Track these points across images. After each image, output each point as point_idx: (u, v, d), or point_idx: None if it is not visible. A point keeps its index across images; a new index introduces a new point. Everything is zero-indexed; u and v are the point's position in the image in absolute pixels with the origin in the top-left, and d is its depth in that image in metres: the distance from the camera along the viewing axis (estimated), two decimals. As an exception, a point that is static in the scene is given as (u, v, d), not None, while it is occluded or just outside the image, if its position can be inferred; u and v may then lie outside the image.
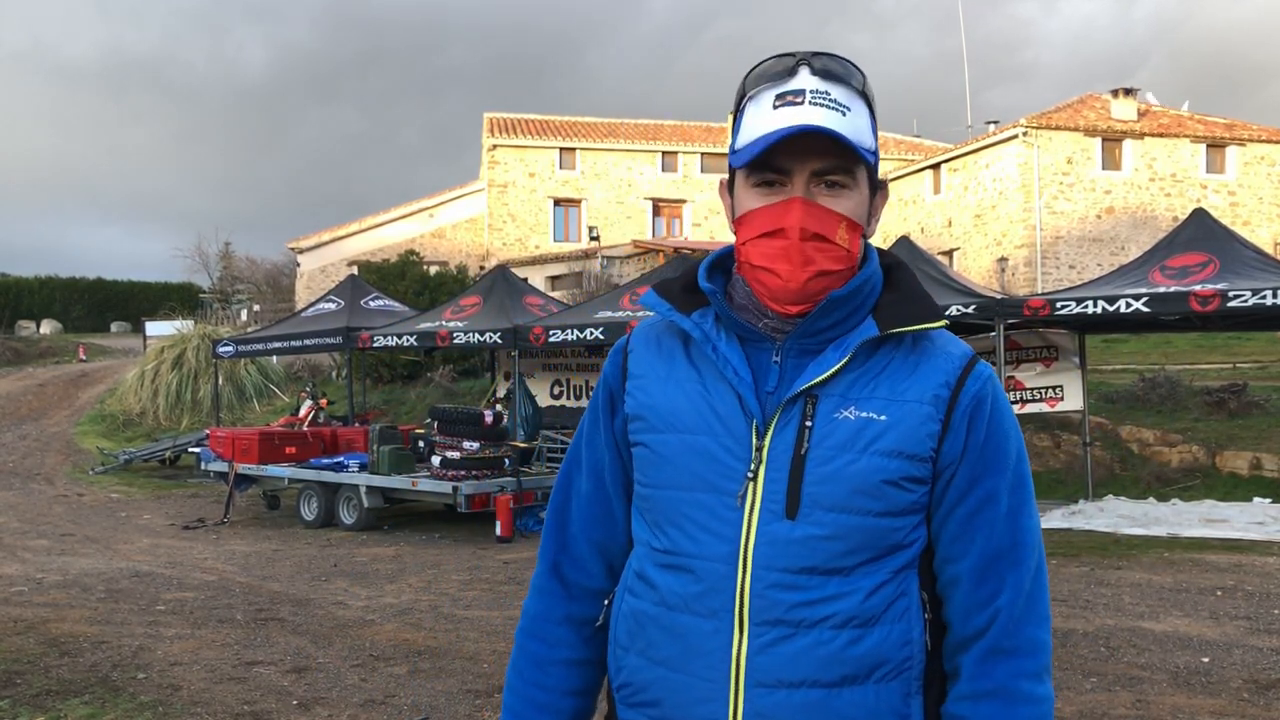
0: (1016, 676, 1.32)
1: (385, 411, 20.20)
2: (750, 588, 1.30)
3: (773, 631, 1.29)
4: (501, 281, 14.26)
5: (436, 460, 10.90)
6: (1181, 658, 5.69)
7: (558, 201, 35.63)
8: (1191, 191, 28.39)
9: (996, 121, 31.91)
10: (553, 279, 30.05)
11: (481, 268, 30.37)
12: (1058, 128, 27.72)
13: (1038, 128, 27.59)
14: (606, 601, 1.50)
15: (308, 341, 15.23)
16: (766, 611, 1.30)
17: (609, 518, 1.50)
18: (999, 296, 11.36)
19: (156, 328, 28.90)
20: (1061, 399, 12.12)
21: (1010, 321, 10.88)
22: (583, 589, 1.51)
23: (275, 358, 22.81)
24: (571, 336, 11.77)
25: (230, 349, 16.12)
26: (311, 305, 17.07)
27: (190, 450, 17.40)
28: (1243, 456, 12.44)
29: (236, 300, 38.34)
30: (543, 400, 14.58)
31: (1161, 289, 9.76)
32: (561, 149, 35.57)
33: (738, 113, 1.38)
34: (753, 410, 1.33)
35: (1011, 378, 11.99)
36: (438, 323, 13.53)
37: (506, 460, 11.08)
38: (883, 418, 1.32)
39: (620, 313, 11.78)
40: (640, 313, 10.64)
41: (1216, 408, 13.89)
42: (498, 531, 10.55)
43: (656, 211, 36.11)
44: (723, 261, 1.46)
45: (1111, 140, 28.28)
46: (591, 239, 33.88)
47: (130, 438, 21.38)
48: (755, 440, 1.33)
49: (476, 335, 12.76)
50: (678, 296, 1.43)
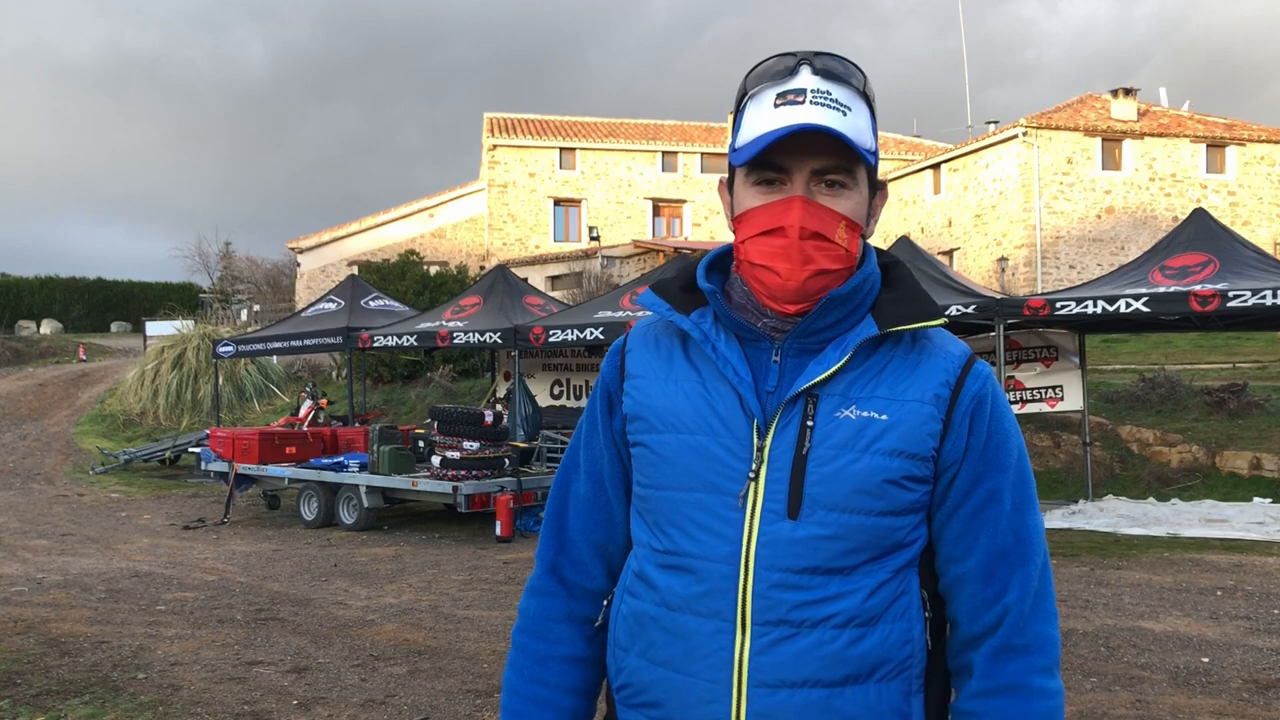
0: (1029, 672, 1.33)
1: (385, 411, 20.20)
2: (753, 588, 1.30)
3: (775, 631, 1.29)
4: (501, 281, 14.26)
5: (436, 460, 10.89)
6: (1181, 658, 5.69)
7: (558, 201, 35.64)
8: (1191, 191, 28.40)
9: (996, 121, 31.94)
10: (553, 279, 30.06)
11: (481, 268, 30.38)
12: (1058, 128, 27.72)
13: (1038, 128, 27.59)
14: (605, 602, 1.49)
15: (308, 341, 15.24)
16: (769, 612, 1.29)
17: (608, 519, 1.49)
18: (999, 296, 11.35)
19: (156, 328, 28.92)
20: (1061, 399, 12.12)
21: (1010, 321, 10.88)
22: (582, 589, 1.50)
23: (275, 358, 22.82)
24: (571, 336, 11.77)
25: (230, 349, 16.13)
26: (311, 305, 17.07)
27: (190, 450, 17.41)
28: (1243, 456, 12.44)
29: (236, 300, 38.34)
30: (543, 400, 14.59)
31: (1161, 289, 9.76)
32: (561, 149, 35.58)
33: (738, 111, 1.37)
34: (753, 410, 1.33)
35: (1011, 378, 11.99)
36: (438, 323, 13.53)
37: (506, 460, 11.08)
38: (884, 417, 1.32)
39: (620, 313, 11.77)
40: (640, 312, 10.63)
41: (1216, 408, 13.90)
42: (498, 531, 10.55)
43: (656, 211, 36.12)
44: (721, 260, 1.45)
45: (1111, 140, 28.29)
46: (591, 239, 33.89)
47: (130, 438, 21.38)
48: (756, 440, 1.33)
49: (476, 335, 12.77)
50: (676, 296, 1.42)
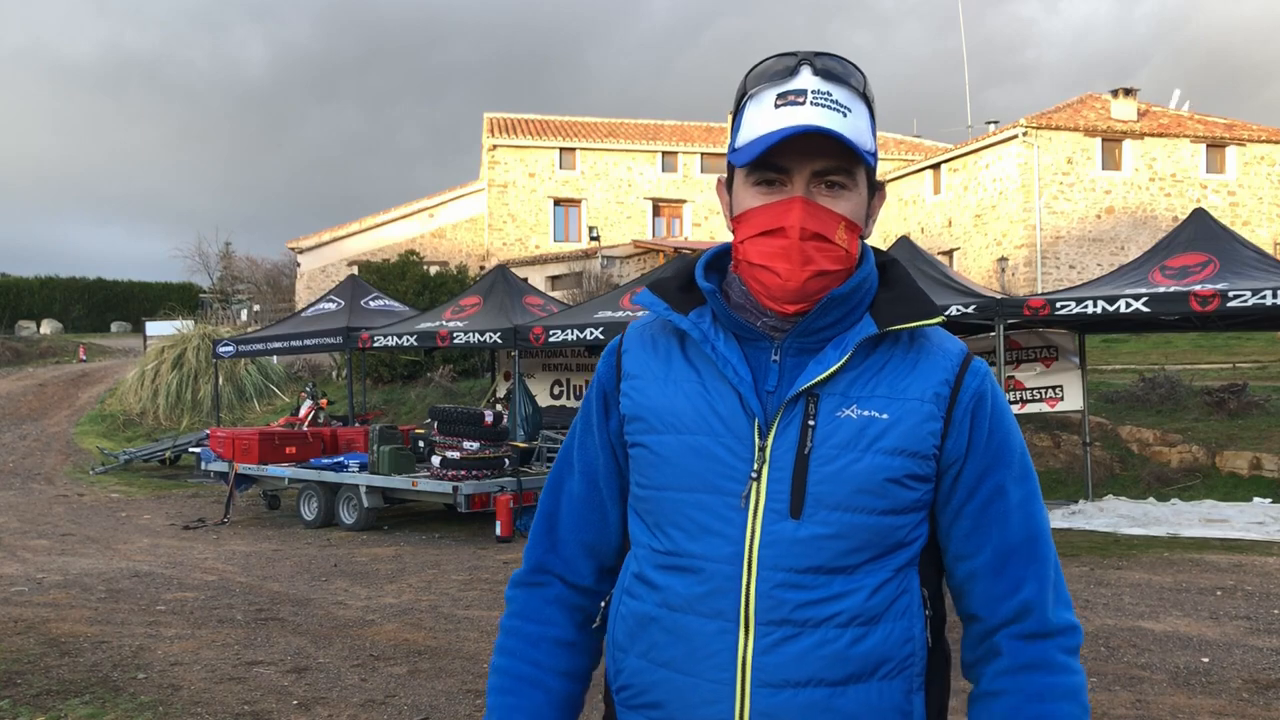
0: (1055, 650, 1.35)
1: (385, 411, 20.20)
2: (756, 588, 1.30)
3: (778, 631, 1.29)
4: (501, 281, 14.25)
5: (436, 460, 10.89)
6: (1181, 658, 5.69)
7: (558, 201, 35.64)
8: (1191, 191, 28.40)
9: (996, 121, 31.94)
10: (553, 279, 30.06)
11: (481, 268, 30.39)
12: (1058, 128, 27.73)
13: (1038, 128, 27.59)
14: (604, 603, 1.49)
15: (308, 341, 15.24)
16: (772, 611, 1.29)
17: (601, 520, 1.49)
18: (999, 296, 11.35)
19: (156, 328, 28.92)
20: (1061, 399, 12.12)
21: (1010, 321, 10.88)
22: (572, 585, 1.50)
23: (275, 358, 22.82)
24: (571, 336, 11.77)
25: (230, 349, 16.13)
26: (311, 305, 17.07)
27: (190, 450, 17.42)
28: (1243, 456, 12.44)
29: (236, 300, 38.35)
30: (543, 400, 14.58)
31: (1161, 289, 9.76)
32: (561, 149, 35.59)
33: (737, 111, 1.37)
34: (754, 409, 1.33)
35: (1011, 378, 11.99)
36: (438, 323, 13.53)
37: (506, 460, 11.08)
38: (884, 416, 1.32)
39: (620, 313, 11.77)
40: (640, 312, 10.64)
41: (1216, 408, 13.90)
42: (498, 531, 10.55)
43: (656, 211, 36.12)
44: (718, 260, 1.45)
45: (1111, 140, 28.29)
46: (591, 239, 33.90)
47: (130, 438, 21.38)
48: (758, 440, 1.32)
49: (476, 335, 12.76)
50: (673, 295, 1.42)
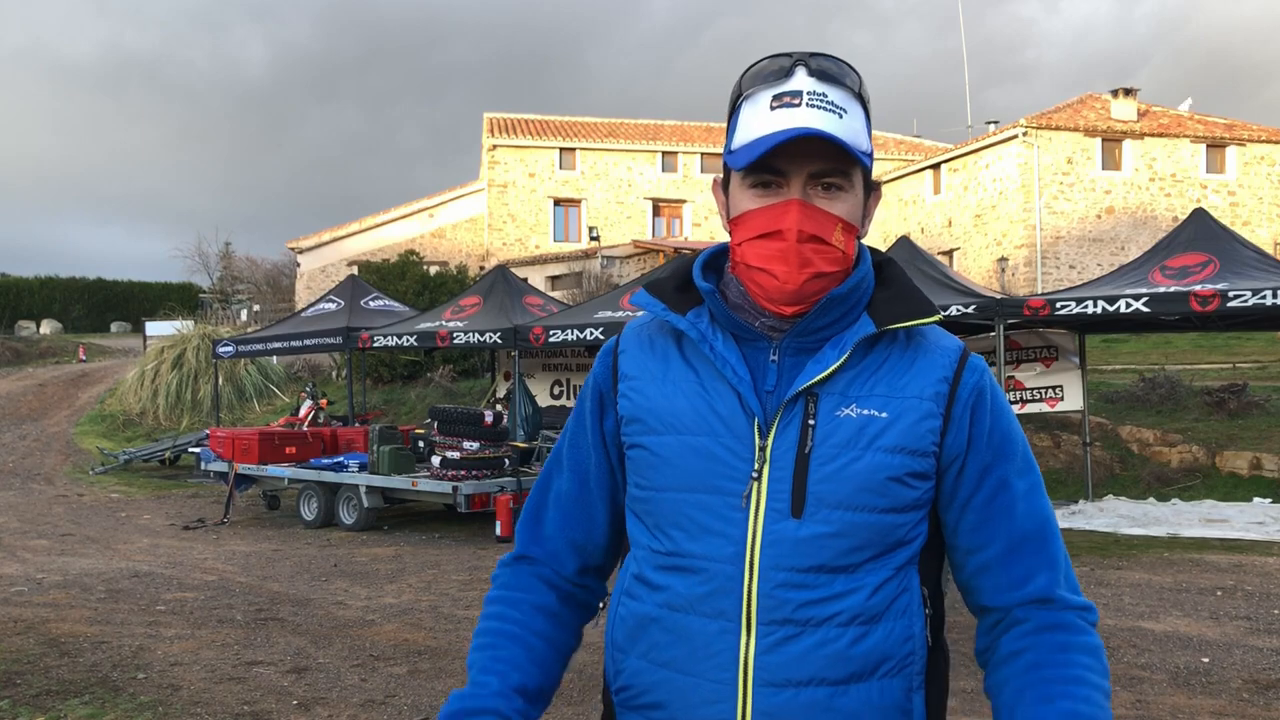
0: (1075, 617, 1.36)
1: (385, 411, 20.20)
2: (758, 587, 1.30)
3: (780, 631, 1.29)
4: (501, 281, 14.25)
5: (436, 460, 10.90)
6: (1181, 658, 5.69)
7: (558, 201, 35.64)
8: (1191, 191, 28.40)
9: (996, 121, 31.95)
10: (553, 279, 30.07)
11: (481, 268, 30.39)
12: (1058, 128, 27.73)
13: (1038, 128, 27.59)
14: (602, 604, 1.49)
15: (308, 341, 15.23)
16: (774, 611, 1.29)
17: (588, 519, 1.49)
18: (999, 296, 11.35)
19: (156, 328, 28.92)
20: (1061, 399, 12.12)
21: (1010, 321, 10.88)
22: (555, 570, 1.50)
23: (275, 358, 22.82)
24: (571, 336, 11.77)
25: (230, 349, 16.13)
26: (311, 305, 17.07)
27: (190, 450, 17.41)
28: (1243, 456, 12.44)
29: (236, 300, 38.35)
30: (543, 400, 14.58)
31: (1161, 289, 9.76)
32: (561, 149, 35.59)
33: (733, 112, 1.37)
34: (753, 409, 1.33)
35: (1011, 378, 11.99)
36: (438, 323, 13.53)
37: (506, 460, 11.09)
38: (884, 414, 1.32)
39: (620, 313, 11.77)
40: (640, 313, 10.64)
41: (1216, 408, 13.90)
42: (498, 531, 10.55)
43: (656, 211, 36.13)
44: (715, 260, 1.46)
45: (1111, 140, 28.29)
46: (591, 239, 33.90)
47: (130, 438, 21.39)
48: (758, 440, 1.33)
49: (476, 335, 12.76)
50: (671, 296, 1.42)
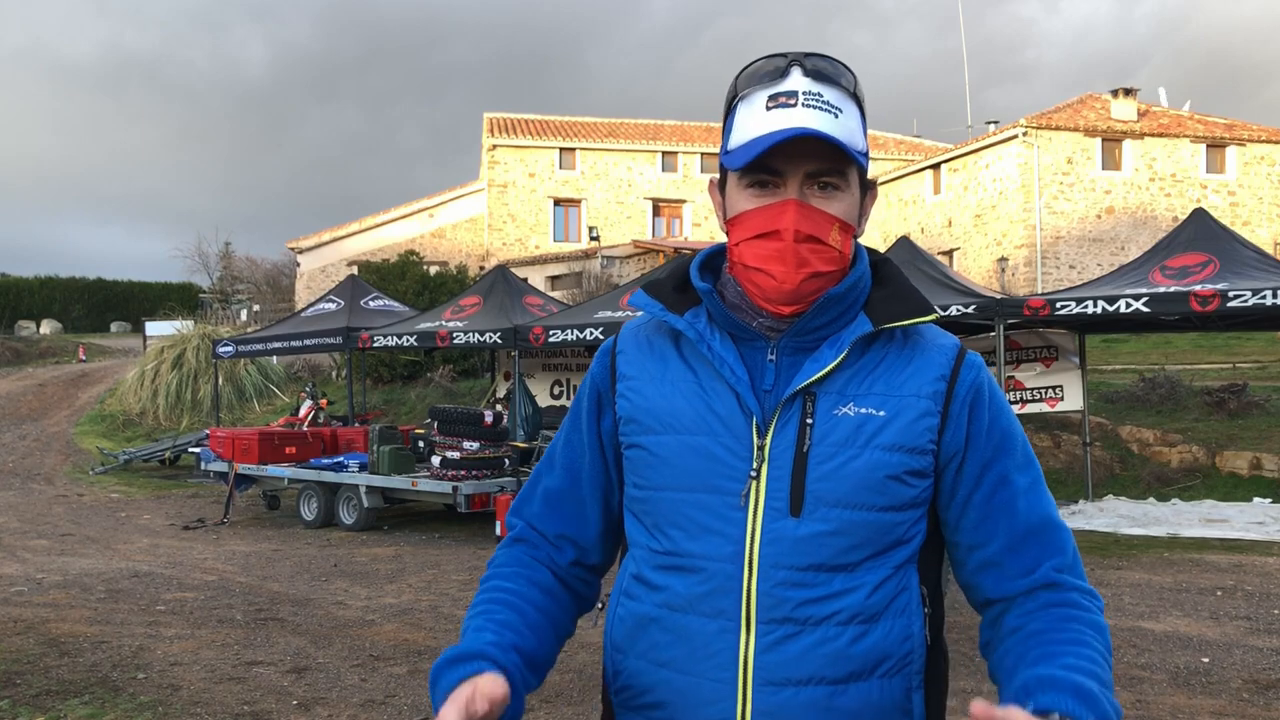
0: (1080, 597, 1.33)
1: (385, 411, 20.20)
2: (757, 586, 1.30)
3: (780, 629, 1.29)
4: (501, 281, 14.25)
5: (436, 460, 10.90)
6: (1181, 658, 5.70)
7: (558, 201, 35.65)
8: (1191, 191, 28.40)
9: (996, 121, 31.95)
10: (553, 279, 30.07)
11: (481, 268, 30.39)
12: (1058, 128, 27.72)
13: (1038, 128, 27.59)
14: (600, 605, 1.49)
15: (308, 341, 15.23)
16: (774, 609, 1.30)
17: (579, 517, 1.48)
18: (999, 296, 11.35)
19: (156, 328, 28.92)
20: (1061, 399, 12.12)
21: (1010, 321, 10.88)
22: (551, 558, 1.48)
23: (275, 358, 22.82)
24: (571, 336, 11.77)
25: (230, 349, 16.13)
26: (311, 305, 17.06)
27: (190, 450, 17.41)
28: (1243, 456, 12.44)
29: (236, 300, 38.36)
30: (543, 400, 14.58)
31: (1161, 289, 9.76)
32: (561, 149, 35.59)
33: (729, 113, 1.37)
34: (751, 409, 1.33)
35: (1011, 378, 11.99)
36: (438, 323, 13.53)
37: (506, 460, 11.09)
38: (881, 413, 1.33)
39: (620, 313, 11.77)
40: (639, 313, 10.64)
41: (1216, 408, 13.90)
42: (497, 531, 10.54)
43: (656, 211, 36.13)
44: (712, 261, 1.46)
45: (1111, 140, 28.29)
46: (591, 239, 33.91)
47: (130, 438, 21.39)
48: (756, 439, 1.33)
49: (476, 335, 12.76)
50: (669, 296, 1.43)
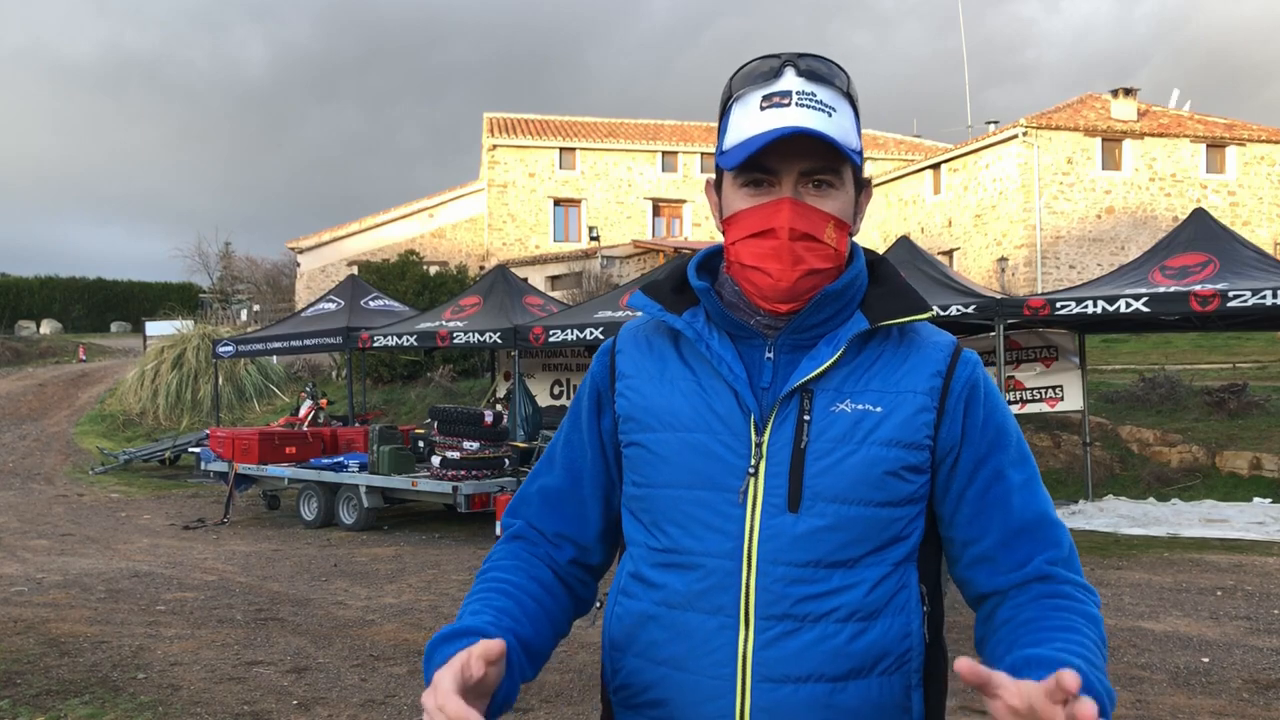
0: (1074, 589, 1.32)
1: (385, 411, 20.20)
2: (756, 583, 1.30)
3: (779, 626, 1.30)
4: (501, 281, 14.25)
5: (436, 460, 10.89)
6: (1181, 658, 5.70)
7: (558, 201, 35.65)
8: (1191, 191, 28.40)
9: (996, 121, 31.95)
10: (553, 279, 30.07)
11: (481, 268, 30.39)
12: (1058, 128, 27.72)
13: (1038, 128, 27.59)
14: (598, 605, 1.49)
15: (308, 341, 15.23)
16: (773, 606, 1.30)
17: (579, 516, 1.48)
18: (999, 296, 11.35)
19: (156, 328, 28.93)
20: (1061, 399, 12.12)
21: (1010, 321, 10.88)
22: (549, 555, 1.47)
23: (275, 358, 22.83)
24: (571, 336, 11.77)
25: (230, 349, 16.13)
26: (311, 305, 17.07)
27: (190, 450, 17.42)
28: (1243, 456, 12.44)
29: (236, 300, 38.37)
30: (543, 400, 14.59)
31: (1161, 289, 9.76)
32: (561, 149, 35.60)
33: (724, 113, 1.39)
34: (750, 406, 1.34)
35: (1011, 378, 11.99)
36: (438, 323, 13.53)
37: (506, 460, 11.08)
38: (878, 409, 1.33)
39: (620, 313, 11.77)
40: (639, 314, 10.67)
41: (1216, 408, 13.90)
42: (497, 531, 10.53)
43: (656, 211, 36.14)
44: (709, 261, 1.47)
45: (1111, 140, 28.29)
46: (591, 239, 33.91)
47: (130, 438, 21.39)
48: (754, 436, 1.34)
49: (476, 335, 12.76)
50: (667, 297, 1.44)
